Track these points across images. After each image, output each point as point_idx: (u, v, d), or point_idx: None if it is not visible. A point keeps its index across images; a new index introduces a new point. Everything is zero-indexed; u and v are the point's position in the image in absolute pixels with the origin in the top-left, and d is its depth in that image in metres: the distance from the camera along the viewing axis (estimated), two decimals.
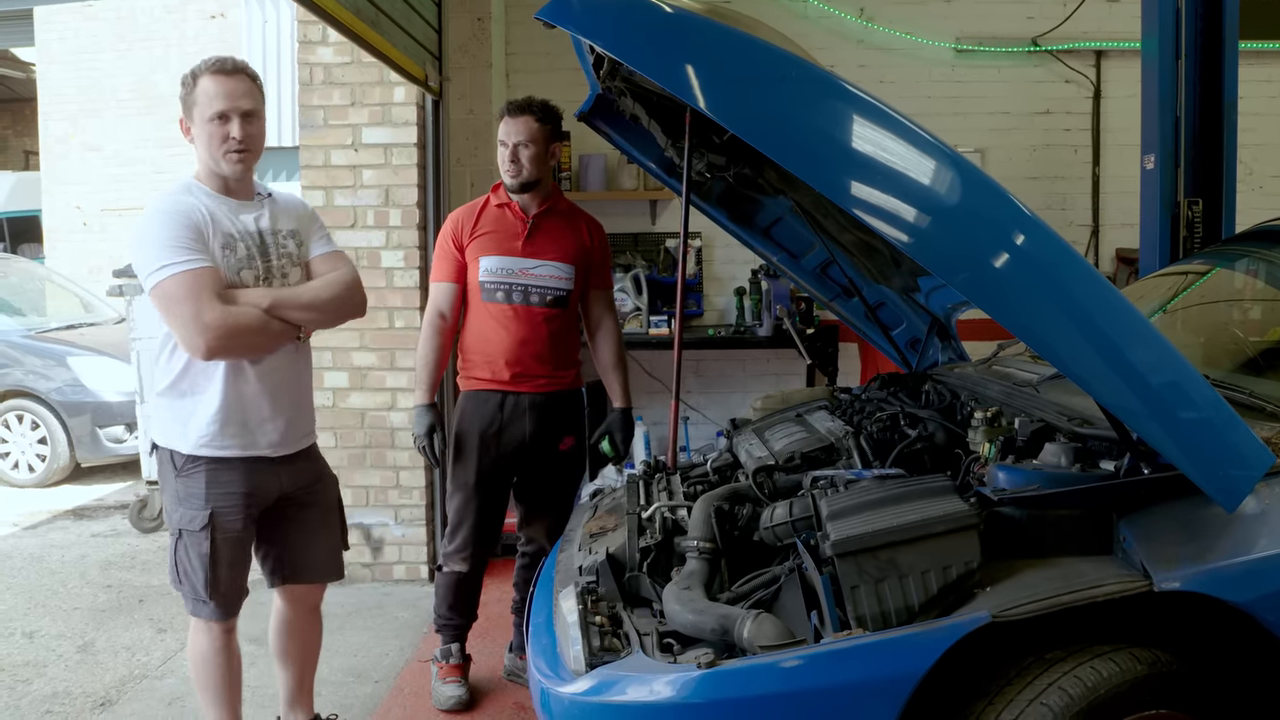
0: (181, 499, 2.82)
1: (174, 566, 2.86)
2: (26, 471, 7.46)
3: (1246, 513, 2.15)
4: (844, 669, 2.03)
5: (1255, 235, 3.56)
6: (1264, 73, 6.16)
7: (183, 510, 2.82)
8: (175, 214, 2.73)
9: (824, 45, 6.02)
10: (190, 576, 2.83)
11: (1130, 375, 2.10)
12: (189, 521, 2.81)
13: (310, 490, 3.04)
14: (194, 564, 2.82)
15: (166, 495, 2.88)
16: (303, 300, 2.85)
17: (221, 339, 2.67)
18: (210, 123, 2.74)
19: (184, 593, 2.87)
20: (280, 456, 2.91)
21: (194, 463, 2.81)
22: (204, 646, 2.92)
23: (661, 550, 2.57)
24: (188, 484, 2.81)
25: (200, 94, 2.75)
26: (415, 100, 4.82)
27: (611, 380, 3.79)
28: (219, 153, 2.76)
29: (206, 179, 2.84)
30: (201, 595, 2.83)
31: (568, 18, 2.34)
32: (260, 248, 2.84)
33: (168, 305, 2.69)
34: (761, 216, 3.75)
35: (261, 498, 2.90)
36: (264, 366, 2.84)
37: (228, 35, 10.63)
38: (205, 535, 2.80)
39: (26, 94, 14.11)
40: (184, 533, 2.82)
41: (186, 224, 2.71)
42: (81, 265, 10.75)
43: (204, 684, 2.95)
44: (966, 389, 3.15)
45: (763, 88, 2.20)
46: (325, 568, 3.13)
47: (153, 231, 2.71)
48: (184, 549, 2.83)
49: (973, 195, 2.14)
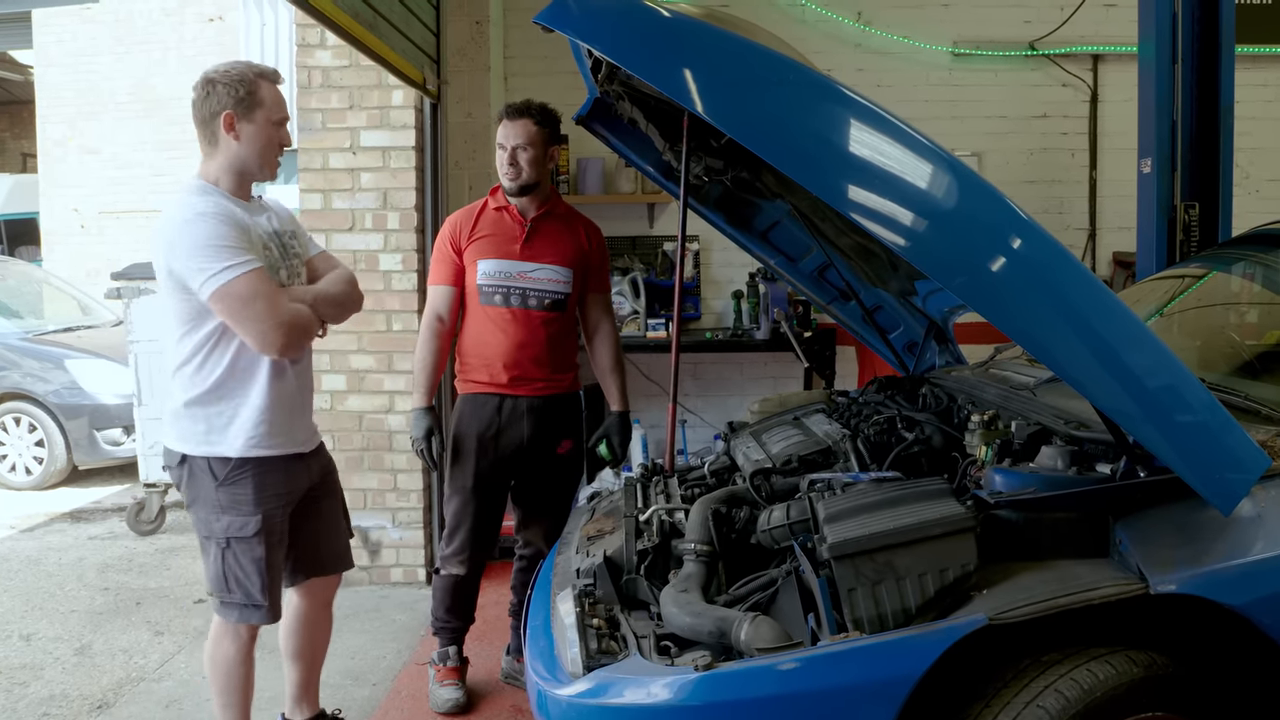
0: (226, 507, 2.81)
1: (222, 576, 2.84)
2: (24, 474, 7.46)
3: (1242, 516, 2.15)
4: (841, 671, 2.04)
5: (1251, 239, 3.57)
6: (1260, 77, 6.18)
7: (230, 518, 2.81)
8: (219, 216, 2.73)
9: (821, 49, 6.03)
10: (244, 583, 2.83)
11: (1126, 379, 2.11)
12: (239, 529, 2.81)
13: (327, 481, 3.13)
14: (247, 570, 2.83)
15: (202, 505, 2.84)
16: (330, 295, 2.94)
17: (293, 334, 2.76)
18: (274, 126, 2.83)
19: (231, 601, 2.87)
20: (310, 450, 3.01)
21: (241, 468, 2.81)
22: (232, 652, 2.94)
23: (659, 553, 2.58)
24: (234, 491, 2.81)
25: (265, 97, 2.81)
26: (413, 103, 4.83)
27: (609, 384, 3.80)
28: (272, 155, 2.85)
29: (227, 180, 2.84)
30: (258, 600, 2.85)
31: (566, 22, 2.35)
32: (281, 249, 2.92)
33: (241, 305, 2.69)
34: (759, 220, 3.76)
35: (296, 494, 2.96)
36: (299, 364, 2.93)
37: (226, 38, 10.64)
38: (260, 540, 2.82)
39: (24, 96, 14.11)
40: (233, 541, 2.81)
41: (233, 224, 2.73)
42: (79, 268, 10.74)
43: (227, 689, 2.97)
44: (963, 392, 3.15)
45: (760, 92, 2.21)
46: (343, 557, 3.22)
47: (202, 234, 2.69)
48: (233, 557, 2.82)
49: (969, 199, 2.14)
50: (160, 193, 10.90)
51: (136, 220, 10.97)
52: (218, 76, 2.79)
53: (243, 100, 2.78)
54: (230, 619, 2.91)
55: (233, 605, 2.88)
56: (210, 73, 2.81)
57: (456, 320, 3.68)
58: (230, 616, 2.91)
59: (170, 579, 5.30)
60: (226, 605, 2.89)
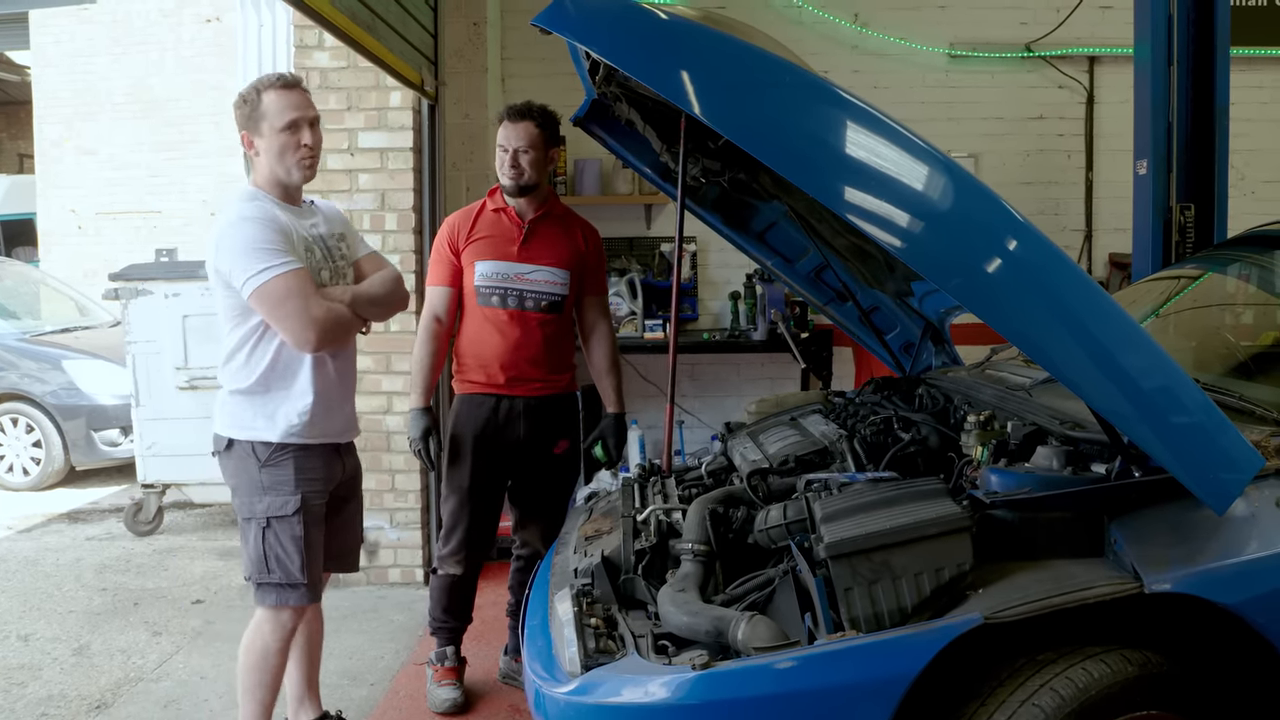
0: (268, 487, 2.93)
1: (262, 556, 2.93)
2: (21, 475, 7.46)
3: (1236, 515, 2.17)
4: (837, 670, 2.04)
5: (1247, 240, 3.59)
6: (1255, 79, 6.19)
7: (271, 498, 2.92)
8: (262, 220, 2.87)
9: (818, 51, 6.04)
10: (284, 562, 2.93)
11: (1121, 379, 2.12)
12: (280, 508, 2.92)
13: (353, 481, 3.24)
14: (288, 548, 2.92)
15: (245, 488, 2.96)
16: (370, 295, 3.05)
17: (327, 332, 2.87)
18: (282, 133, 2.91)
19: (270, 582, 2.95)
20: (345, 444, 3.15)
21: (282, 451, 2.93)
22: (272, 640, 3.00)
23: (656, 553, 2.59)
24: (275, 472, 2.93)
25: (268, 108, 2.91)
26: (411, 105, 4.83)
27: (605, 385, 3.81)
28: (292, 161, 2.94)
29: (270, 188, 2.98)
30: (297, 578, 2.94)
31: (564, 24, 2.36)
32: (326, 251, 3.04)
33: (276, 304, 2.83)
34: (756, 221, 3.77)
35: (333, 483, 3.07)
36: (340, 360, 3.04)
37: (223, 39, 10.62)
38: (299, 519, 2.93)
39: (21, 97, 14.07)
40: (273, 520, 2.92)
41: (275, 228, 2.86)
42: (76, 269, 10.73)
43: (259, 678, 3.02)
44: (960, 393, 3.16)
45: (756, 93, 2.22)
46: (353, 558, 3.32)
47: (245, 237, 2.84)
48: (274, 536, 2.92)
49: (965, 201, 2.15)
50: (157, 193, 10.92)
51: (133, 221, 10.98)
52: (238, 97, 2.95)
53: (250, 117, 2.93)
54: (268, 601, 2.97)
55: (270, 586, 2.95)
56: (240, 92, 2.97)
57: (454, 321, 3.69)
58: (268, 599, 2.97)
59: (168, 579, 5.30)
60: (264, 588, 2.96)
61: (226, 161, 10.36)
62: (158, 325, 5.84)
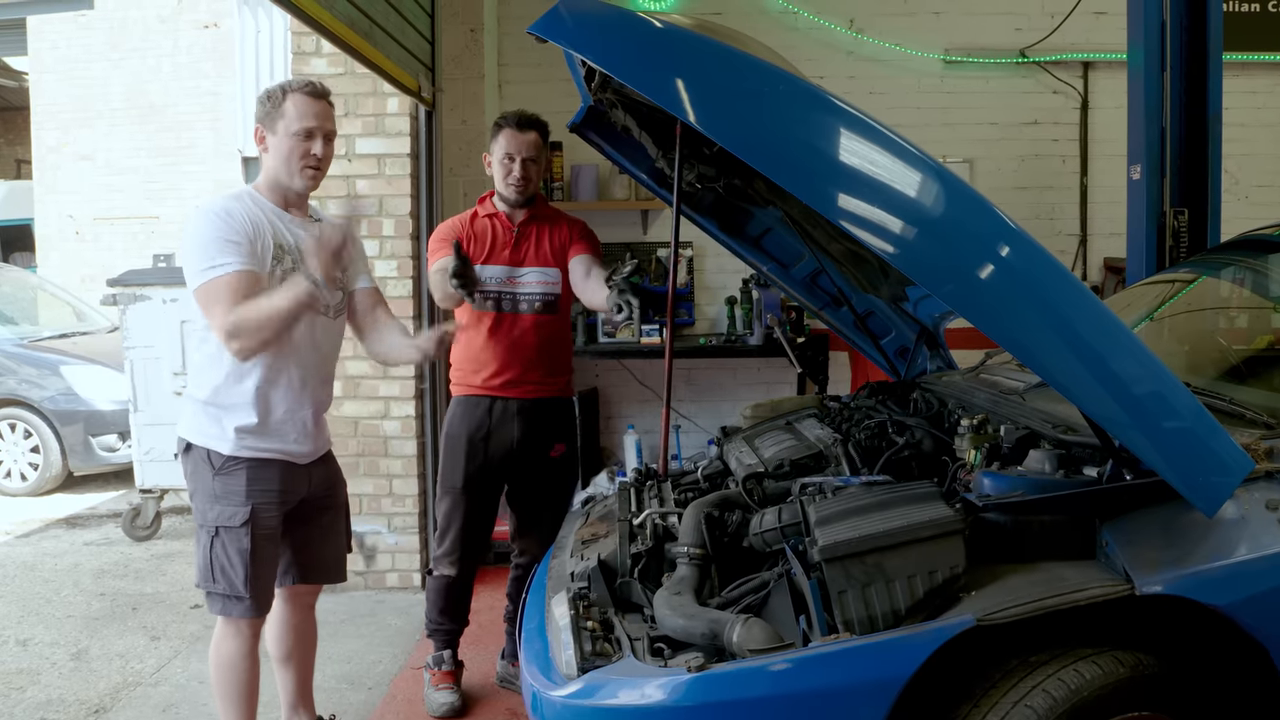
0: (219, 496, 2.87)
1: (209, 565, 2.89)
2: (19, 480, 7.47)
3: (1226, 518, 2.18)
4: (831, 672, 2.06)
5: (1240, 244, 3.61)
6: (1248, 84, 6.22)
7: (221, 507, 2.87)
8: (222, 214, 2.82)
9: (814, 57, 6.07)
10: (228, 573, 2.87)
11: (1113, 384, 2.13)
12: (229, 518, 2.86)
13: (329, 494, 3.16)
14: (233, 560, 2.87)
15: (199, 494, 2.91)
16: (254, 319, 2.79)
17: (239, 340, 2.77)
18: (294, 137, 2.90)
19: (216, 591, 2.90)
20: (308, 463, 3.03)
21: (235, 461, 2.88)
22: (233, 650, 2.96)
23: (652, 556, 2.60)
24: (227, 482, 2.87)
25: (289, 109, 2.90)
26: (408, 111, 4.85)
27: None
28: (296, 166, 2.92)
29: (269, 191, 2.96)
30: (240, 591, 2.88)
31: (560, 32, 2.37)
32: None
33: (204, 308, 2.80)
34: (752, 227, 3.79)
35: (293, 497, 3.00)
36: (305, 372, 2.96)
37: (221, 46, 10.65)
38: (246, 531, 2.87)
39: (19, 103, 14.09)
40: (221, 529, 2.87)
41: (234, 225, 2.80)
42: (74, 274, 10.75)
43: (228, 689, 2.99)
44: (954, 397, 3.18)
45: (751, 101, 2.23)
46: (335, 569, 3.25)
47: (197, 231, 2.80)
48: (221, 546, 2.87)
49: (958, 207, 2.17)
50: (154, 199, 10.93)
51: (131, 227, 10.99)
52: (262, 93, 2.94)
53: (269, 114, 2.91)
54: (214, 610, 2.95)
55: (216, 596, 2.91)
56: (266, 88, 2.96)
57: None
58: (214, 608, 2.94)
59: (166, 584, 5.31)
60: (211, 596, 2.93)
61: (224, 167, 10.38)
62: (155, 330, 5.85)
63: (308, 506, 3.06)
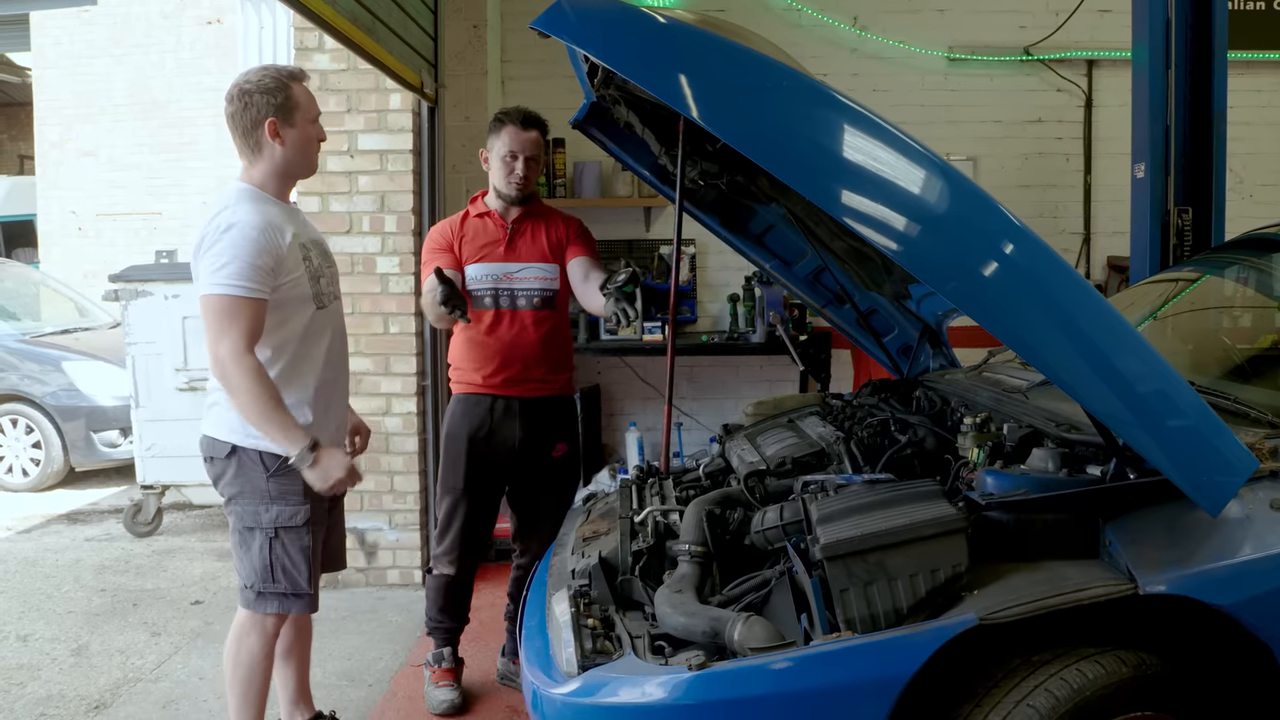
0: (275, 497, 2.88)
1: (268, 566, 2.89)
2: (21, 476, 7.47)
3: (1230, 517, 2.17)
4: (833, 671, 2.05)
5: (1244, 243, 3.60)
6: (1253, 82, 6.21)
7: (279, 508, 2.88)
8: (261, 231, 2.78)
9: (818, 54, 6.06)
10: (290, 572, 2.90)
11: (1117, 383, 2.12)
12: (289, 518, 2.88)
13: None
14: (295, 559, 2.90)
15: (249, 495, 2.89)
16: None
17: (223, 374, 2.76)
18: (312, 123, 2.93)
19: (275, 591, 2.91)
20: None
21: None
22: (255, 646, 2.98)
23: (654, 554, 2.60)
24: (283, 482, 2.87)
25: (300, 98, 2.90)
26: (411, 107, 4.84)
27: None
28: (315, 153, 2.96)
29: (273, 185, 2.93)
30: (303, 589, 2.92)
31: (562, 28, 2.37)
32: (323, 254, 3.03)
33: (211, 319, 2.75)
34: (754, 224, 3.78)
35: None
36: (339, 370, 3.06)
37: (224, 41, 10.65)
38: (307, 530, 2.91)
39: (22, 98, 14.10)
40: (281, 530, 2.89)
41: (265, 245, 2.77)
42: (76, 270, 10.74)
43: (246, 686, 2.99)
44: (956, 395, 3.17)
45: (754, 97, 2.23)
46: (342, 556, 3.30)
47: (235, 241, 2.75)
48: (282, 547, 2.89)
49: (962, 204, 2.16)
50: (157, 195, 10.93)
51: (134, 223, 10.99)
52: (251, 86, 2.86)
53: (281, 106, 2.86)
54: (268, 609, 2.94)
55: (273, 595, 2.92)
56: (243, 84, 2.88)
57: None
58: (269, 607, 2.94)
59: (167, 580, 5.31)
60: (265, 596, 2.92)
61: (226, 163, 10.37)
62: (157, 326, 5.85)
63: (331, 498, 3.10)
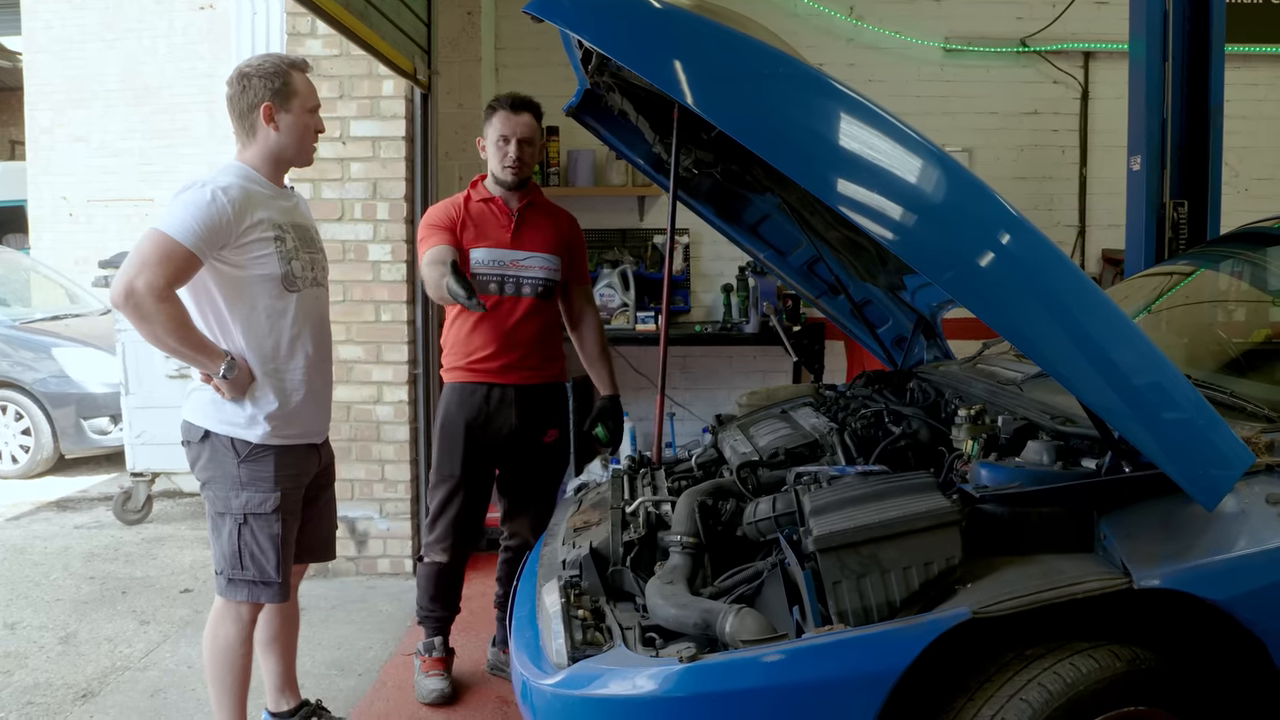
0: (246, 483, 2.87)
1: (236, 553, 2.88)
2: (10, 462, 7.44)
3: (1226, 511, 2.16)
4: (825, 664, 2.03)
5: (1240, 237, 3.59)
6: (1250, 76, 6.20)
7: (249, 494, 2.87)
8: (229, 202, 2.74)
9: (814, 43, 6.04)
10: (258, 559, 2.88)
11: (1113, 375, 2.11)
12: (259, 505, 2.87)
13: (329, 472, 3.20)
14: (264, 546, 2.88)
15: (220, 481, 2.89)
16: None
17: (135, 306, 2.65)
18: (310, 113, 2.95)
19: (243, 578, 2.90)
20: (322, 440, 3.11)
21: (264, 448, 2.88)
22: (230, 634, 2.96)
23: (645, 545, 2.58)
24: (254, 468, 2.87)
25: (300, 86, 2.91)
26: (404, 94, 4.81)
27: (599, 370, 3.81)
28: (310, 143, 2.97)
29: (265, 168, 2.93)
30: (271, 577, 2.90)
31: (556, 12, 2.34)
32: (306, 240, 3.00)
33: (139, 250, 2.68)
34: (749, 213, 3.76)
35: (308, 477, 3.03)
36: (323, 358, 3.03)
37: (216, 26, 10.57)
38: (277, 517, 2.88)
39: (13, 83, 14.02)
40: (250, 516, 2.87)
41: (223, 213, 2.73)
42: (67, 256, 10.69)
43: (223, 674, 2.99)
44: (951, 387, 3.16)
45: (750, 84, 2.20)
46: (329, 547, 3.28)
47: (194, 200, 2.72)
48: (250, 533, 2.87)
49: (959, 194, 2.14)
50: (149, 181, 10.87)
51: (125, 209, 10.94)
52: (251, 70, 2.88)
53: (279, 91, 2.87)
54: (238, 596, 2.93)
55: (243, 582, 2.90)
56: (244, 67, 2.90)
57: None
58: (238, 594, 2.92)
59: (156, 568, 5.29)
60: (235, 583, 2.91)
61: (219, 149, 10.31)
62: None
63: (312, 485, 3.09)
